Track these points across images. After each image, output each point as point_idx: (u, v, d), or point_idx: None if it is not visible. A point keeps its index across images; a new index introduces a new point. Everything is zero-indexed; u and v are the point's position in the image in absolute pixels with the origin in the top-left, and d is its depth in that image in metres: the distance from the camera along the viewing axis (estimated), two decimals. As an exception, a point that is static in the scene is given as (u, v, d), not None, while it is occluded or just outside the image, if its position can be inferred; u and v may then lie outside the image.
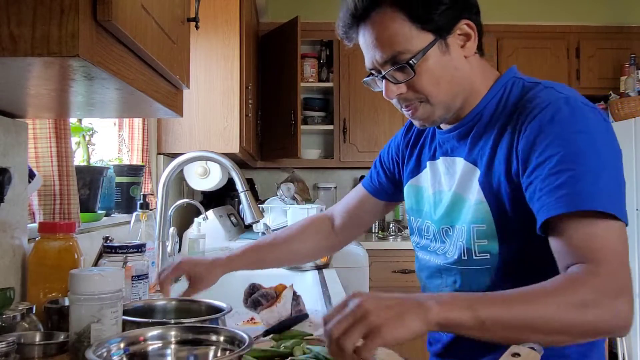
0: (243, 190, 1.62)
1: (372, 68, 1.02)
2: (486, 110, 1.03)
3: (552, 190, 0.86)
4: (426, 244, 1.15)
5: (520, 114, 0.96)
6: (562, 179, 0.86)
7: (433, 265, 1.11)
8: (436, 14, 0.95)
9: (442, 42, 0.97)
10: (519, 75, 1.05)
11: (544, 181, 0.88)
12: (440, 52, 0.97)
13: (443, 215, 1.09)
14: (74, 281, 0.85)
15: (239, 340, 0.85)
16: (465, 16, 0.98)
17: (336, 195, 3.95)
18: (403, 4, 0.95)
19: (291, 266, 2.13)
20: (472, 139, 1.04)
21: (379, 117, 3.66)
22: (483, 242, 0.99)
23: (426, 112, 1.02)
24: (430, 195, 1.14)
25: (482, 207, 0.99)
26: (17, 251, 1.16)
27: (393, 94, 1.00)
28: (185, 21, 1.14)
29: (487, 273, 0.99)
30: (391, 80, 0.99)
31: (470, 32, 0.99)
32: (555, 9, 3.87)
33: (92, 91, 0.88)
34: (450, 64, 0.98)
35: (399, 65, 0.97)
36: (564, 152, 0.87)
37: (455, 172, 1.07)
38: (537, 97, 0.95)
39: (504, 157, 0.97)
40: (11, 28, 0.64)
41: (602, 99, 3.69)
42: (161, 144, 2.44)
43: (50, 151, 1.33)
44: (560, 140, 0.88)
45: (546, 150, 0.89)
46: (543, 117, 0.91)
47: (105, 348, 0.80)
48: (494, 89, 1.03)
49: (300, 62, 3.28)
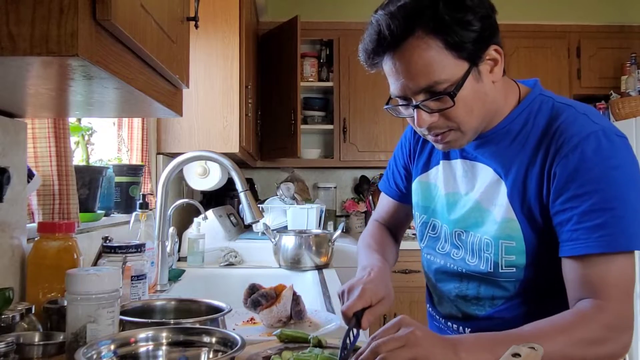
0: (243, 190, 1.62)
1: (402, 96, 0.99)
2: (513, 126, 1.02)
3: (593, 228, 0.90)
4: (433, 244, 1.16)
5: (556, 138, 0.97)
6: (603, 219, 0.90)
7: (449, 268, 1.13)
8: (470, 42, 0.92)
9: (476, 69, 0.95)
10: (545, 93, 1.05)
11: (583, 215, 0.91)
12: (474, 80, 0.95)
13: (459, 219, 1.10)
14: (70, 281, 0.85)
15: (231, 342, 0.85)
16: (494, 41, 0.97)
17: (336, 195, 3.95)
18: (440, 31, 0.91)
19: (290, 266, 2.13)
20: (498, 152, 1.04)
21: (379, 117, 3.66)
22: (511, 257, 1.02)
23: (455, 139, 1.00)
24: (442, 195, 1.15)
25: (513, 225, 1.01)
26: (16, 251, 1.15)
27: (426, 124, 0.97)
28: (185, 20, 1.14)
29: (511, 284, 1.02)
30: (425, 109, 0.96)
31: (497, 57, 0.98)
32: (556, 8, 3.87)
33: (91, 91, 0.87)
34: (482, 91, 0.97)
35: (437, 96, 0.94)
36: (606, 190, 0.91)
37: (476, 177, 1.08)
38: (574, 124, 0.96)
39: (536, 178, 0.98)
40: (10, 27, 0.64)
41: (603, 99, 3.69)
42: (161, 143, 2.44)
43: (50, 151, 1.33)
44: (602, 176, 0.91)
45: (588, 184, 0.91)
46: (584, 149, 0.93)
47: (95, 350, 0.79)
48: (521, 106, 1.03)
49: (300, 61, 3.27)
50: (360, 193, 3.97)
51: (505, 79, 1.04)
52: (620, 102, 3.45)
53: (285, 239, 2.16)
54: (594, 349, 0.87)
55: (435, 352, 0.80)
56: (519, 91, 1.05)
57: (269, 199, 3.00)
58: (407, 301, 3.15)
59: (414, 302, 3.15)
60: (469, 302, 1.10)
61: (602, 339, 0.87)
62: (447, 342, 0.84)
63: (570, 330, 0.86)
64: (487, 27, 0.94)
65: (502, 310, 1.06)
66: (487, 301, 1.07)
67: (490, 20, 0.95)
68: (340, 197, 4.01)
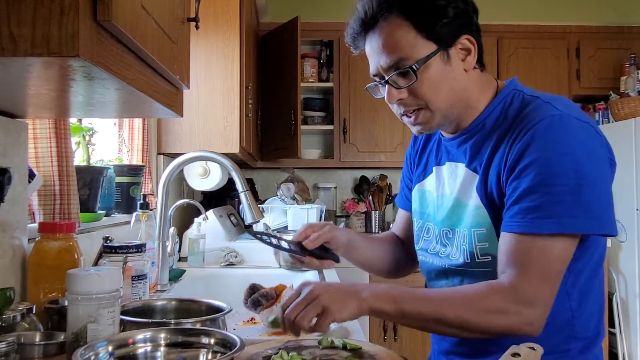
0: (243, 190, 1.62)
1: (376, 74, 1.07)
2: (488, 121, 1.07)
3: (527, 210, 0.94)
4: (426, 246, 1.19)
5: (516, 126, 1.00)
6: (538, 201, 0.93)
7: (437, 267, 1.14)
8: (439, 26, 1.00)
9: (444, 52, 1.01)
10: (519, 88, 1.08)
11: (521, 196, 0.95)
12: (441, 62, 1.02)
13: (444, 218, 1.13)
14: (71, 281, 0.85)
15: (230, 343, 0.84)
16: (465, 31, 1.03)
17: (336, 195, 3.95)
18: (410, 13, 1.00)
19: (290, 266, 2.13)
20: (472, 147, 1.08)
21: (379, 117, 3.66)
22: (484, 245, 1.04)
23: (425, 118, 1.06)
24: (434, 198, 1.18)
25: (481, 212, 1.04)
26: (17, 251, 1.16)
27: (394, 99, 1.05)
28: (185, 21, 1.14)
29: (490, 275, 1.02)
30: (393, 85, 1.04)
31: (470, 47, 1.04)
32: (555, 9, 3.87)
33: (92, 91, 0.88)
34: (450, 75, 1.03)
35: (401, 70, 1.01)
36: (546, 174, 0.93)
37: (457, 177, 1.11)
38: (534, 111, 0.99)
39: (496, 165, 1.02)
40: (11, 28, 0.64)
41: (602, 99, 3.69)
42: (161, 144, 2.44)
43: (50, 151, 1.33)
44: (545, 160, 0.94)
45: (530, 165, 0.95)
46: (535, 132, 0.96)
47: (92, 351, 0.79)
48: (495, 101, 1.07)
49: (300, 62, 3.28)
50: (360, 193, 3.98)
51: (484, 74, 1.09)
52: (619, 102, 3.45)
53: (286, 239, 2.15)
54: (489, 317, 0.92)
55: (336, 299, 0.92)
56: (497, 87, 1.09)
57: (269, 199, 3.01)
58: (407, 301, 3.15)
59: (414, 303, 3.15)
60: None
61: (501, 310, 0.92)
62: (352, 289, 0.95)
63: (473, 298, 0.94)
64: (460, 16, 1.01)
65: None
66: None
67: (465, 13, 1.03)
68: (340, 197, 4.02)
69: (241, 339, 0.84)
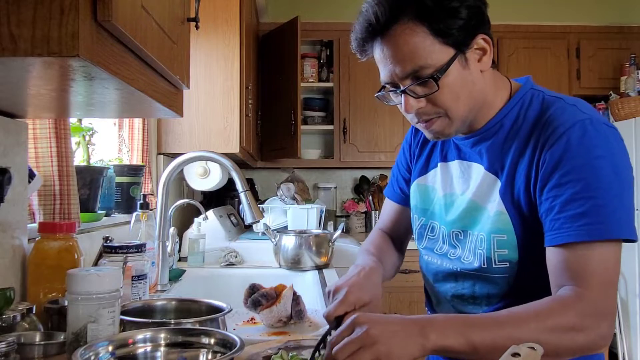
0: (243, 190, 1.62)
1: (389, 82, 1.01)
2: (505, 121, 1.03)
3: (575, 217, 0.90)
4: (431, 246, 1.16)
5: (544, 129, 0.97)
6: (585, 207, 0.89)
7: (446, 269, 1.12)
8: (456, 29, 0.94)
9: (462, 56, 0.96)
10: (537, 87, 1.05)
11: (565, 204, 0.91)
12: (460, 67, 0.97)
13: (456, 219, 1.10)
14: (71, 281, 0.85)
15: (230, 343, 0.84)
16: (481, 31, 0.98)
17: (336, 196, 3.95)
18: (425, 17, 0.93)
19: (290, 267, 2.13)
20: (491, 148, 1.05)
21: (379, 117, 3.66)
22: (503, 251, 1.01)
23: (442, 126, 1.01)
24: (440, 196, 1.15)
25: (503, 218, 1.01)
26: (17, 251, 1.16)
27: (413, 109, 0.99)
28: (185, 21, 1.14)
29: (505, 280, 1.02)
30: (411, 94, 0.98)
31: (486, 47, 0.99)
32: (555, 9, 3.87)
33: (92, 91, 0.88)
34: (469, 79, 0.98)
35: (422, 80, 0.96)
36: (589, 179, 0.90)
37: (471, 177, 1.08)
38: (562, 115, 0.97)
39: (524, 170, 0.98)
40: (11, 28, 0.64)
41: (602, 99, 3.69)
42: (161, 144, 2.44)
43: (50, 151, 1.33)
44: (586, 165, 0.91)
45: (571, 172, 0.92)
46: (569, 138, 0.93)
47: (92, 351, 0.79)
48: (512, 101, 1.04)
49: (300, 62, 3.28)
50: (360, 193, 3.98)
51: (497, 73, 1.05)
52: (619, 102, 3.45)
53: (286, 239, 2.16)
54: (569, 336, 0.85)
55: (396, 343, 0.80)
56: (511, 87, 1.06)
57: (269, 199, 3.00)
58: (406, 301, 3.15)
59: (413, 302, 3.15)
60: (465, 301, 1.10)
61: (578, 327, 0.86)
62: (412, 327, 0.83)
63: (546, 316, 0.86)
64: (474, 15, 0.95)
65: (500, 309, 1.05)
66: (484, 300, 1.07)
67: (478, 9, 0.97)
68: (340, 197, 4.02)
69: (241, 339, 0.84)
